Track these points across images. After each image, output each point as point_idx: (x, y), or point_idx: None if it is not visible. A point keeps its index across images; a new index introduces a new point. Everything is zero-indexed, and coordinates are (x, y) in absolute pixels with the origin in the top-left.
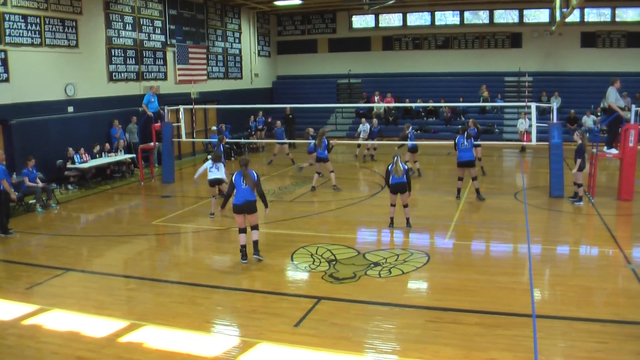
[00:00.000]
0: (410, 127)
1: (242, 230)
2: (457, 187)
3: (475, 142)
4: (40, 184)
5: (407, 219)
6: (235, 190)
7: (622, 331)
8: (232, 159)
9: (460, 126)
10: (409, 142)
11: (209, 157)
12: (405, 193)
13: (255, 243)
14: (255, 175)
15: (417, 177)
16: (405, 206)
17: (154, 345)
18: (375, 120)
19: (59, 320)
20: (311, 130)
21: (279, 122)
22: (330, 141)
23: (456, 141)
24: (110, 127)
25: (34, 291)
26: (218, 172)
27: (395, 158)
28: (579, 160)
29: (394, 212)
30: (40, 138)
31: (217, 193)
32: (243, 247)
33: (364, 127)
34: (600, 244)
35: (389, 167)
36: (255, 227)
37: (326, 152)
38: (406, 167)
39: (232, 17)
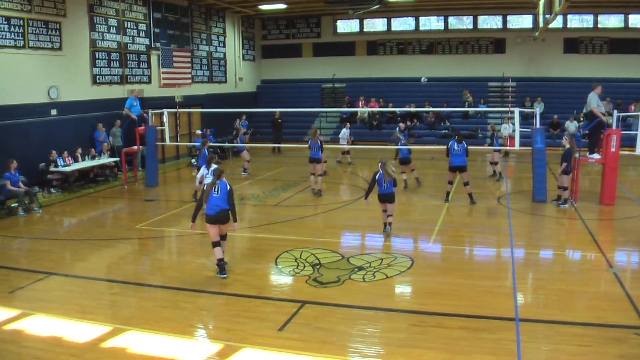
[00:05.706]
0: (398, 131)
1: (216, 244)
2: (446, 190)
3: (495, 147)
4: (22, 188)
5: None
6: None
7: (604, 334)
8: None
9: (444, 131)
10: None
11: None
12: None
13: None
14: (228, 186)
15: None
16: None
17: (137, 350)
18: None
19: (41, 324)
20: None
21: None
22: None
23: (448, 146)
24: (94, 131)
25: (16, 295)
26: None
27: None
28: (564, 164)
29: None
30: (22, 141)
31: None
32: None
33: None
34: (583, 248)
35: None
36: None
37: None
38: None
39: (216, 21)
